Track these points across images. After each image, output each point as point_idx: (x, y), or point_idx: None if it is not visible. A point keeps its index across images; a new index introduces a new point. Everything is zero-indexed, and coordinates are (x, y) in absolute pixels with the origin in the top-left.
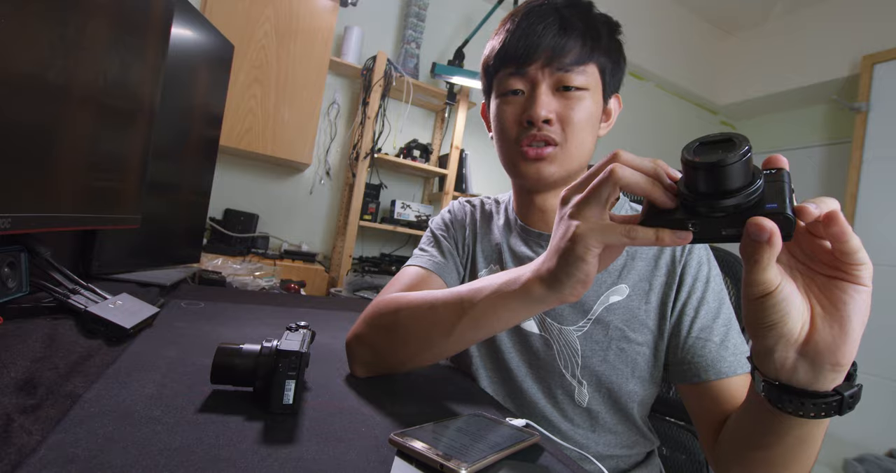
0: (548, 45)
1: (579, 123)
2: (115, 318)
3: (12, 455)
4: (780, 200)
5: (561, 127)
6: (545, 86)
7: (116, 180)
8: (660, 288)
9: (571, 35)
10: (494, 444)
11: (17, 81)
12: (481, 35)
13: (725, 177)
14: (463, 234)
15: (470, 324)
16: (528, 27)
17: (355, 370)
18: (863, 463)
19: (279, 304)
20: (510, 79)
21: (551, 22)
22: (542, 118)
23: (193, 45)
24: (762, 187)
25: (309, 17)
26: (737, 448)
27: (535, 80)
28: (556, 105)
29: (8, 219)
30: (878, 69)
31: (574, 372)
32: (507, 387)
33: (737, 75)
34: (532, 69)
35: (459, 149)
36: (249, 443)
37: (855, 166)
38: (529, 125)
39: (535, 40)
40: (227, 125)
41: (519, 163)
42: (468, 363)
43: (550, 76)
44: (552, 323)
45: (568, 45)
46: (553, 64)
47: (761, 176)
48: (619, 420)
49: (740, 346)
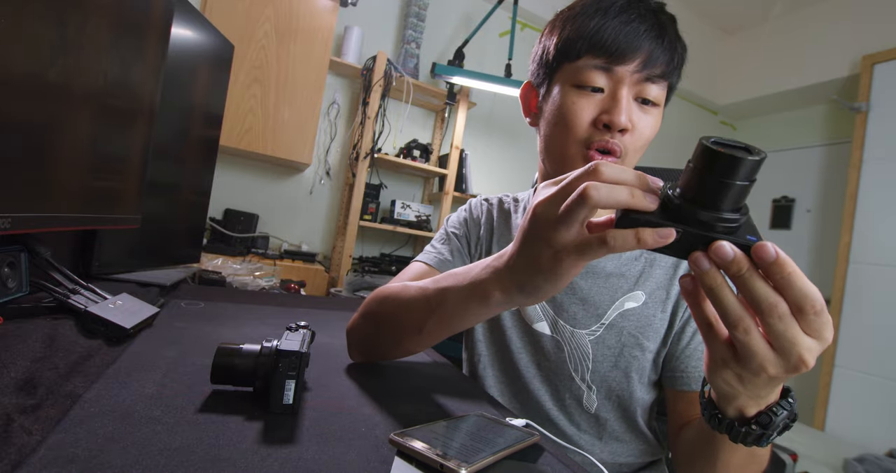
0: (647, 49)
1: (644, 138)
2: (115, 318)
3: (12, 455)
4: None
5: (630, 138)
6: (630, 91)
7: (116, 180)
8: (675, 297)
9: (666, 45)
10: (494, 444)
11: (17, 81)
12: (481, 35)
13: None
14: (478, 233)
15: (437, 323)
16: (629, 23)
17: (351, 355)
18: (863, 463)
19: (279, 304)
20: (594, 72)
21: (652, 25)
22: (623, 126)
23: (193, 45)
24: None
25: (309, 17)
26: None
27: (621, 82)
28: (635, 115)
29: (8, 219)
30: (878, 69)
31: (584, 377)
32: (513, 388)
33: (737, 75)
34: (623, 69)
35: (459, 149)
36: (249, 443)
37: (855, 166)
38: (605, 128)
39: (637, 40)
40: (227, 125)
41: (578, 163)
42: (476, 361)
43: (637, 83)
44: (564, 325)
45: (662, 55)
46: (645, 70)
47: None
48: (626, 428)
49: None
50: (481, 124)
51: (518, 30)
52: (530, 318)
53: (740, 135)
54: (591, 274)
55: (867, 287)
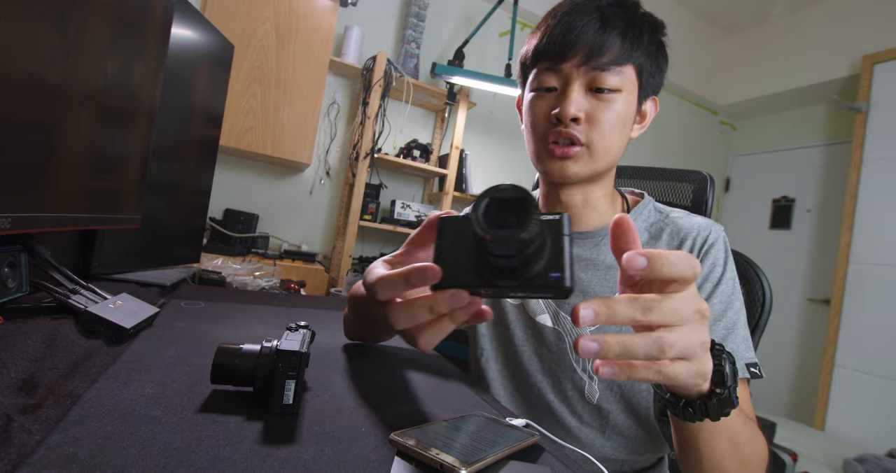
0: (585, 43)
1: (607, 125)
2: (115, 318)
3: (12, 455)
4: (560, 267)
5: (589, 127)
6: (578, 84)
7: (116, 180)
8: None
9: (611, 34)
10: (494, 444)
11: (18, 81)
12: (481, 35)
13: (514, 255)
14: None
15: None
16: (569, 23)
17: (345, 335)
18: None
19: (279, 304)
20: (545, 75)
21: (592, 19)
22: (571, 116)
23: (193, 45)
24: (546, 254)
25: (309, 17)
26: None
27: (568, 78)
28: (586, 104)
29: (8, 219)
30: (878, 69)
31: (585, 367)
32: (516, 381)
33: (737, 75)
34: (567, 66)
35: (459, 149)
36: (249, 443)
37: (855, 166)
38: (558, 122)
39: (573, 38)
40: (227, 125)
41: (545, 159)
42: (479, 355)
43: (585, 75)
44: (566, 317)
45: (607, 43)
46: (589, 62)
47: (539, 228)
48: (629, 421)
49: (740, 351)
50: (481, 124)
51: (518, 30)
52: (533, 311)
53: (740, 134)
54: (592, 267)
55: (867, 287)
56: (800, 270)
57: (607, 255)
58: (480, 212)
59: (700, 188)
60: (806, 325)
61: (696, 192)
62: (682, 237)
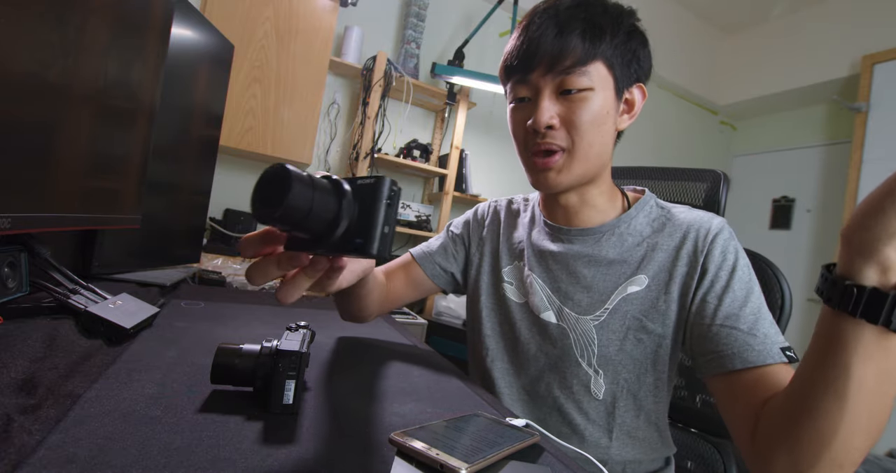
0: (545, 52)
1: (584, 125)
2: (115, 318)
3: (12, 455)
4: (365, 234)
5: (566, 131)
6: (548, 91)
7: (116, 180)
8: (681, 279)
9: (569, 37)
10: (494, 444)
11: (18, 81)
12: (481, 35)
13: (300, 221)
14: (480, 233)
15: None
16: (529, 36)
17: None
18: (863, 463)
19: (279, 304)
20: (517, 87)
21: (550, 26)
22: (545, 124)
23: (193, 45)
24: (355, 219)
25: (309, 17)
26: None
27: (538, 87)
28: (558, 109)
29: (8, 219)
30: (878, 69)
31: (590, 361)
32: (522, 379)
33: (737, 75)
34: (534, 77)
35: (459, 149)
36: (249, 443)
37: (855, 166)
38: (535, 132)
39: (534, 49)
40: (227, 125)
41: (531, 171)
42: (483, 355)
43: (552, 81)
44: (570, 312)
45: (567, 47)
46: (554, 69)
47: (349, 195)
48: (636, 418)
49: (772, 336)
50: (481, 124)
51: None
52: (537, 308)
53: (740, 134)
54: (594, 263)
55: None
56: (800, 270)
57: (609, 251)
58: (253, 194)
59: (713, 187)
60: (806, 325)
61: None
62: (685, 230)
